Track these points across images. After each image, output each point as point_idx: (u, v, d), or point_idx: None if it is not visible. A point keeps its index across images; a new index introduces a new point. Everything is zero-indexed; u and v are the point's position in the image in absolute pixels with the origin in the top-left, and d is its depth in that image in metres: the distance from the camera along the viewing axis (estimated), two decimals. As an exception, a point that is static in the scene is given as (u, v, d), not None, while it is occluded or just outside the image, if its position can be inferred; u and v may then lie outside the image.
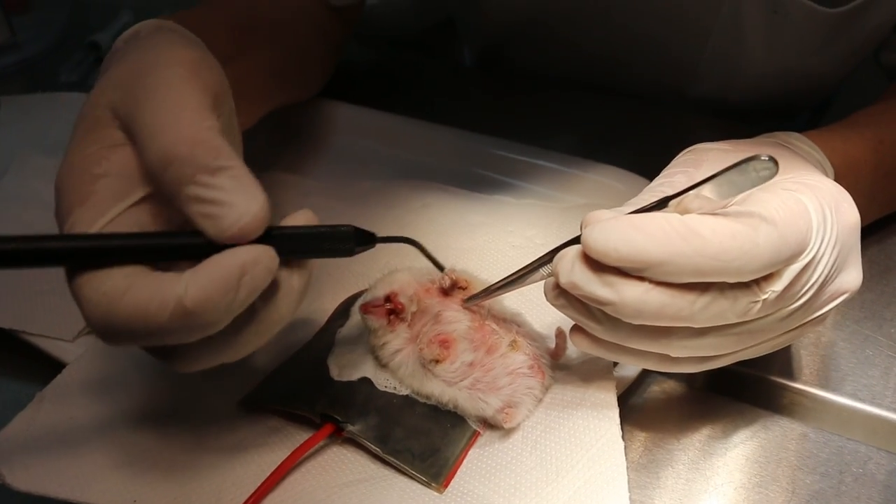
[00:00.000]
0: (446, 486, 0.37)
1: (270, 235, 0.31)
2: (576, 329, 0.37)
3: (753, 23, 0.60)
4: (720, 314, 0.34)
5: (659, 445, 0.42)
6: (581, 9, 0.65)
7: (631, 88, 0.69)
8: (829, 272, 0.36)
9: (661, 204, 0.35)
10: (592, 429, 0.38)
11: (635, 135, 0.63)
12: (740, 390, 0.44)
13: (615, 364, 0.41)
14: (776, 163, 0.32)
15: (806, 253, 0.34)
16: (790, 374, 0.44)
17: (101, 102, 0.34)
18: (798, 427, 0.43)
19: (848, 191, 0.38)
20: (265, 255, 0.30)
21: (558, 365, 0.42)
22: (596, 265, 0.34)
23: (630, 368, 0.42)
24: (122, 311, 0.29)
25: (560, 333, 0.42)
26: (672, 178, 0.39)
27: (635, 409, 0.43)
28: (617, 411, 0.38)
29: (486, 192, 0.55)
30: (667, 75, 0.68)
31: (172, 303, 0.28)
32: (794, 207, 0.34)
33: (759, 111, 0.69)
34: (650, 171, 0.53)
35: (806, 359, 0.45)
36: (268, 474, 0.37)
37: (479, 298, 0.41)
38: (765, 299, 0.34)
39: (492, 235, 0.52)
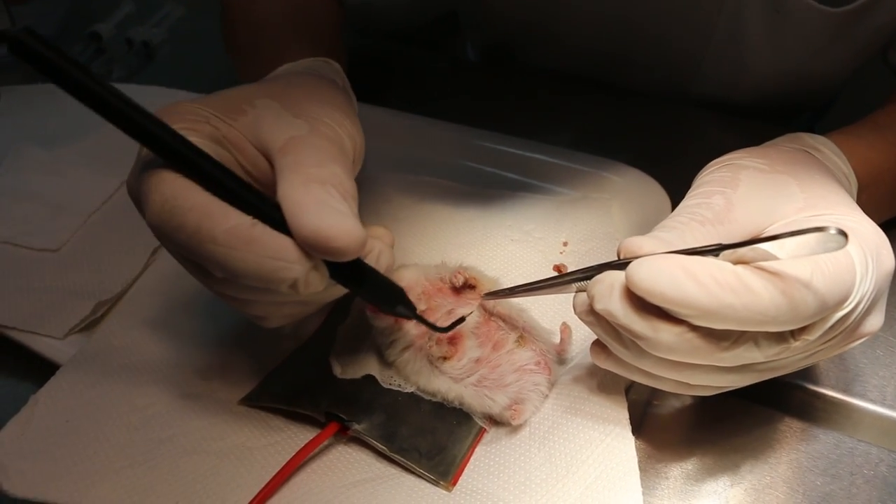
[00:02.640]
0: (454, 484, 0.36)
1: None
2: (597, 345, 0.37)
3: (755, 21, 0.60)
4: (750, 358, 0.33)
5: (668, 445, 0.41)
6: (584, 4, 0.64)
7: (633, 85, 0.69)
8: (861, 318, 0.35)
9: (714, 251, 0.33)
10: (601, 425, 0.37)
11: (636, 131, 0.62)
12: (750, 391, 0.44)
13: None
14: (846, 236, 0.30)
15: (846, 304, 0.33)
16: (800, 376, 0.44)
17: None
18: (808, 428, 0.42)
19: (869, 200, 0.37)
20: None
21: (563, 360, 0.41)
22: (636, 300, 0.33)
23: None
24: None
25: (565, 329, 0.41)
26: (710, 200, 0.37)
27: (640, 409, 0.43)
28: (626, 407, 0.38)
29: (483, 187, 0.55)
30: (669, 72, 0.67)
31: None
32: (843, 261, 0.33)
33: (762, 110, 0.69)
34: (650, 165, 0.53)
35: (815, 359, 0.45)
36: (272, 475, 0.36)
37: (499, 296, 0.40)
38: (795, 346, 0.33)
39: (490, 229, 0.51)
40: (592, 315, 0.35)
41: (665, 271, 0.31)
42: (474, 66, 0.78)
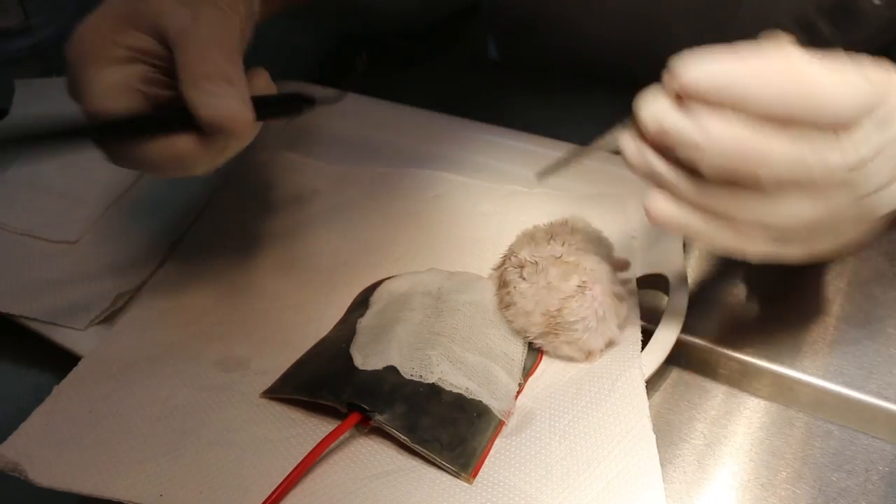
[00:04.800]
0: (475, 475, 0.37)
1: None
2: (652, 196, 0.37)
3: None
4: (800, 158, 0.33)
5: (682, 440, 0.41)
6: None
7: (655, 80, 0.69)
8: None
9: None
10: (623, 421, 0.38)
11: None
12: (766, 388, 0.44)
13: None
14: None
15: (885, 105, 0.33)
16: (816, 372, 0.44)
17: None
18: (823, 424, 0.42)
19: None
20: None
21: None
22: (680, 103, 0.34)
23: (649, 363, 0.41)
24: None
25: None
26: None
27: (657, 405, 0.43)
28: (646, 402, 0.38)
29: (498, 182, 0.55)
30: None
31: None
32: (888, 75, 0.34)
33: None
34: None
35: (830, 356, 0.45)
36: (294, 466, 0.36)
37: (552, 172, 0.42)
38: (842, 150, 0.33)
39: (505, 225, 0.51)
40: (642, 154, 0.36)
41: (710, 58, 0.34)
42: (492, 63, 0.79)
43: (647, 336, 0.43)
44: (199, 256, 0.51)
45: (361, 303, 0.45)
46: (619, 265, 0.46)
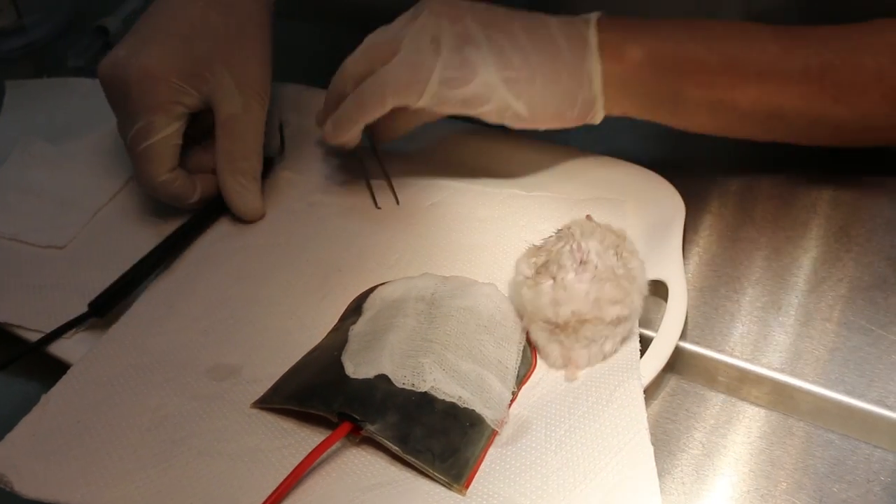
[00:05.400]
0: (467, 486, 0.36)
1: None
2: None
3: None
4: None
5: (681, 450, 0.41)
6: None
7: None
8: None
9: None
10: (620, 432, 0.37)
11: (651, 132, 0.61)
12: (765, 396, 0.44)
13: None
14: None
15: None
16: (816, 380, 0.43)
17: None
18: (823, 434, 0.42)
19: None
20: None
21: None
22: None
23: (647, 371, 0.41)
24: None
25: None
26: None
27: (655, 414, 0.42)
28: (644, 413, 0.37)
29: (496, 188, 0.54)
30: None
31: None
32: None
33: None
34: (664, 167, 0.53)
35: (831, 364, 0.45)
36: (284, 477, 0.36)
37: None
38: None
39: (503, 230, 0.51)
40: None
41: None
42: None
43: (645, 344, 0.42)
44: (192, 265, 0.50)
45: (355, 310, 0.44)
46: None
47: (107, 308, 0.46)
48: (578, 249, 0.41)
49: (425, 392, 0.39)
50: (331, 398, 0.38)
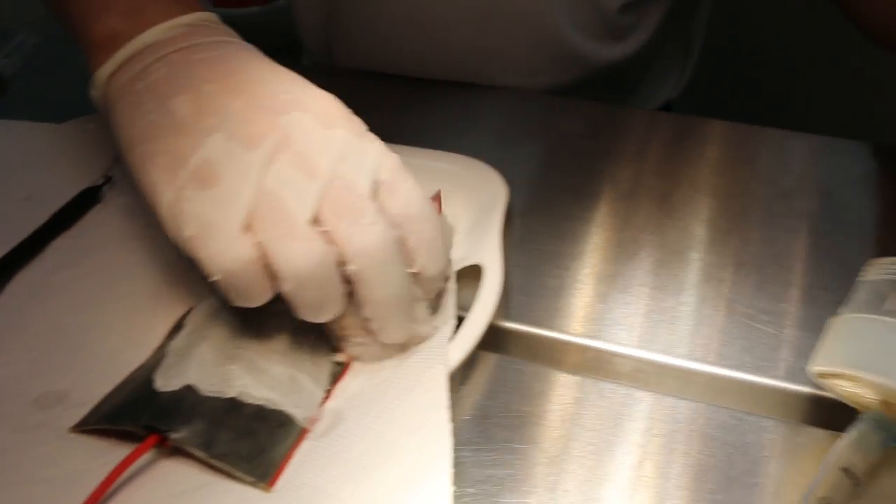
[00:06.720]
0: (272, 484, 0.37)
1: None
2: None
3: None
4: None
5: (498, 423, 0.42)
6: None
7: (488, 80, 0.70)
8: None
9: None
10: (422, 412, 0.38)
11: (479, 120, 0.63)
12: (586, 363, 0.45)
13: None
14: None
15: None
16: (632, 343, 0.45)
17: None
18: (635, 392, 0.43)
19: None
20: None
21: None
22: None
23: (458, 351, 0.42)
24: None
25: None
26: None
27: (477, 393, 0.44)
28: (445, 393, 0.39)
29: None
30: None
31: None
32: None
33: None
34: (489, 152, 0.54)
35: (645, 326, 0.47)
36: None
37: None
38: None
39: None
40: None
41: None
42: (337, 70, 0.78)
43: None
44: (24, 298, 0.50)
45: (177, 326, 0.45)
46: None
47: None
48: None
49: (233, 397, 0.39)
50: (139, 413, 0.39)
